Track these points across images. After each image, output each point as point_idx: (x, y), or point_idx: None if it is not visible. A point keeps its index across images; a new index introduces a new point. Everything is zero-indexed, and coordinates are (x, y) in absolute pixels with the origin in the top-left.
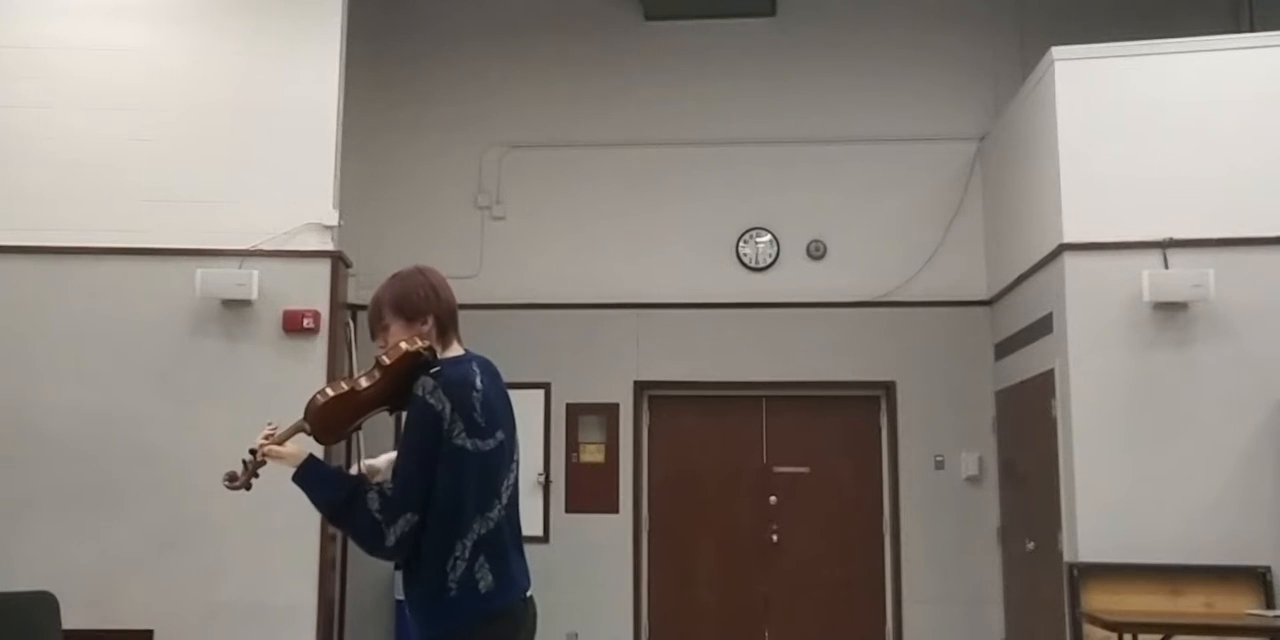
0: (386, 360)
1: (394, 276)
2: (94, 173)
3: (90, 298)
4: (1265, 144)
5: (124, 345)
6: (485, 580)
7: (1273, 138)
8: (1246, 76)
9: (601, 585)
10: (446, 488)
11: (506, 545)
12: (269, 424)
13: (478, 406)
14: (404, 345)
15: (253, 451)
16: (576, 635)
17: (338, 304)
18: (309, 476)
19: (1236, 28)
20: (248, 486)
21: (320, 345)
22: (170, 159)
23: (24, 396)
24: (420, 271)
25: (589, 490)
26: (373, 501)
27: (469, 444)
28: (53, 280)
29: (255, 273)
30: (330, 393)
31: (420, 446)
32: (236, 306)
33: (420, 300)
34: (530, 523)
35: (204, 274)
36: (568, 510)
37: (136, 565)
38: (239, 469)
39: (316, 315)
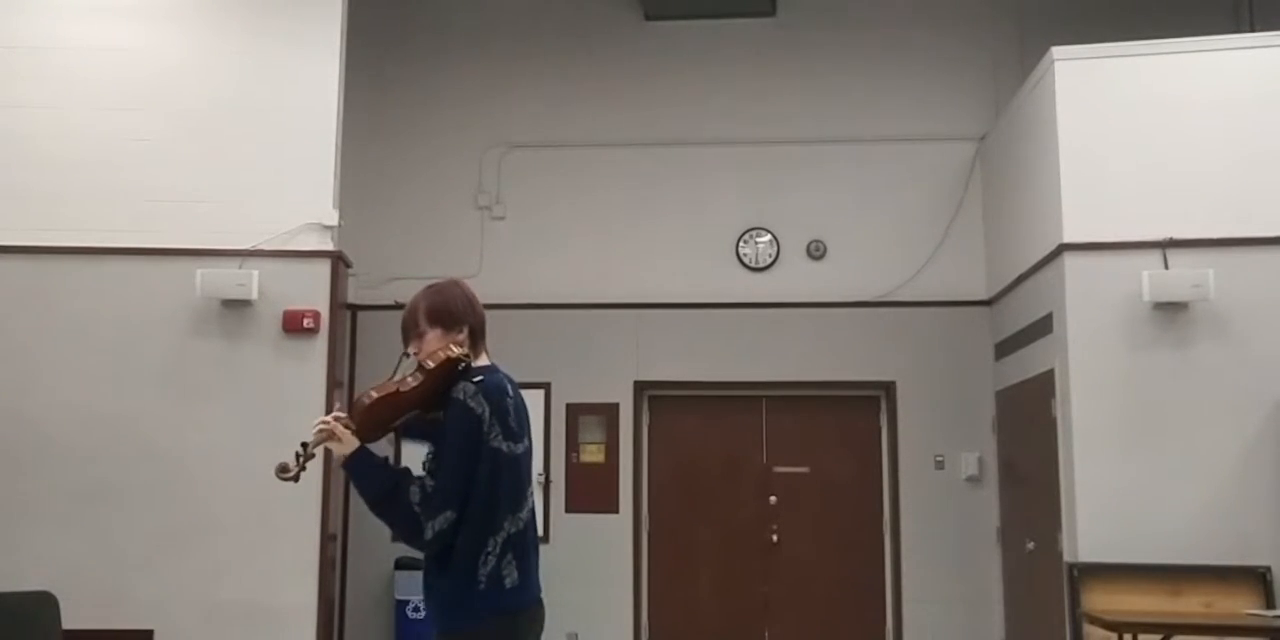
0: (430, 364)
1: (431, 287)
2: (94, 173)
3: (90, 298)
4: (1265, 144)
5: (124, 345)
6: (511, 577)
7: (1273, 138)
8: (1246, 76)
9: (601, 585)
10: (484, 487)
11: (529, 546)
12: (334, 416)
13: (511, 412)
14: (445, 352)
15: (304, 444)
16: (576, 635)
17: (338, 304)
18: (359, 465)
19: (1236, 28)
20: (297, 478)
21: (320, 345)
22: (170, 159)
23: (24, 396)
24: (457, 284)
25: (589, 490)
26: (414, 495)
27: (504, 447)
28: (53, 280)
29: (255, 273)
30: (376, 394)
31: (462, 448)
32: (236, 306)
33: (458, 311)
34: None
35: (204, 274)
36: (568, 510)
37: (136, 565)
38: (291, 460)
39: (316, 315)
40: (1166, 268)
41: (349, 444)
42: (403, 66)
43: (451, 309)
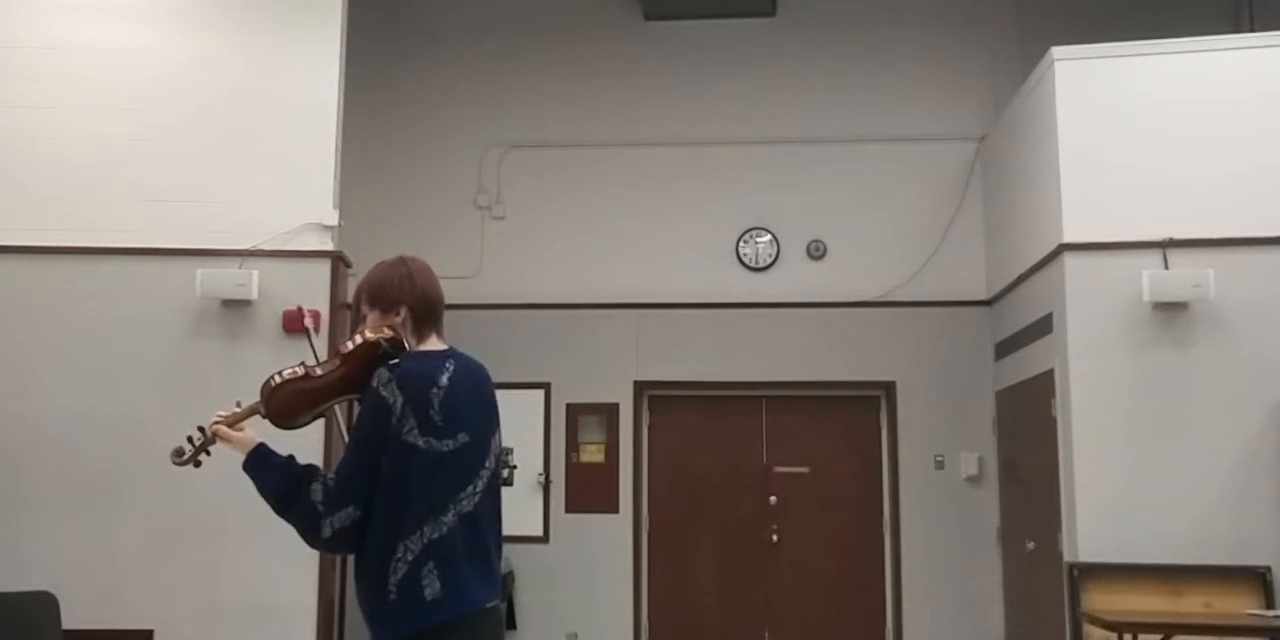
0: (346, 348)
1: (377, 265)
2: (94, 173)
3: (90, 298)
4: (1265, 144)
5: (124, 345)
6: (432, 587)
7: (1273, 138)
8: (1246, 76)
9: (601, 585)
10: (390, 484)
11: (459, 553)
12: (236, 404)
13: (436, 404)
14: (367, 334)
15: (201, 428)
16: (576, 635)
17: (338, 304)
18: (255, 465)
19: (1236, 28)
20: (196, 463)
21: (320, 345)
22: (170, 159)
23: (24, 396)
24: (402, 261)
25: (589, 490)
26: (315, 492)
27: (420, 441)
28: (53, 280)
29: (255, 273)
30: (284, 376)
31: (365, 438)
32: (236, 306)
33: (394, 290)
34: (530, 523)
35: (204, 274)
36: (568, 510)
37: (136, 565)
38: (185, 444)
39: (316, 315)
40: (1166, 268)
41: (240, 444)
42: (403, 66)
43: (386, 289)
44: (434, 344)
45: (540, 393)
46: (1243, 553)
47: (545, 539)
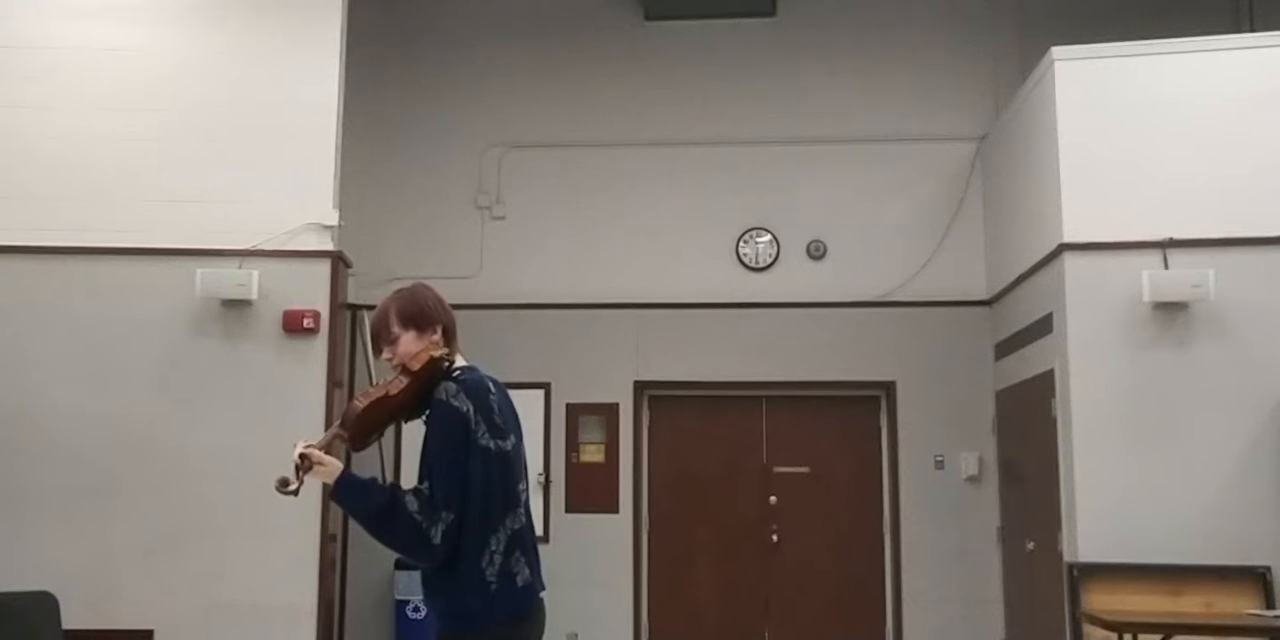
0: (415, 366)
1: (399, 292)
2: (94, 173)
3: (90, 298)
4: (1265, 144)
5: (124, 345)
6: (522, 574)
7: (1272, 138)
8: (1246, 76)
9: (601, 585)
10: (477, 485)
11: (532, 543)
12: (303, 441)
13: (496, 408)
14: (427, 353)
15: (302, 456)
16: (576, 635)
17: (338, 304)
18: (349, 488)
19: (1236, 28)
20: (298, 493)
21: (320, 345)
22: (170, 159)
23: (24, 396)
24: (425, 286)
25: (589, 490)
26: (411, 504)
27: (492, 444)
28: (53, 280)
29: (255, 273)
30: (366, 400)
31: (452, 448)
32: (236, 306)
33: (430, 311)
34: None
35: (204, 274)
36: (568, 510)
37: (136, 565)
38: (291, 474)
39: (316, 315)
40: (1166, 268)
41: (332, 470)
42: (403, 66)
43: (424, 310)
44: (460, 360)
45: (540, 393)
46: (1243, 553)
47: (545, 539)
